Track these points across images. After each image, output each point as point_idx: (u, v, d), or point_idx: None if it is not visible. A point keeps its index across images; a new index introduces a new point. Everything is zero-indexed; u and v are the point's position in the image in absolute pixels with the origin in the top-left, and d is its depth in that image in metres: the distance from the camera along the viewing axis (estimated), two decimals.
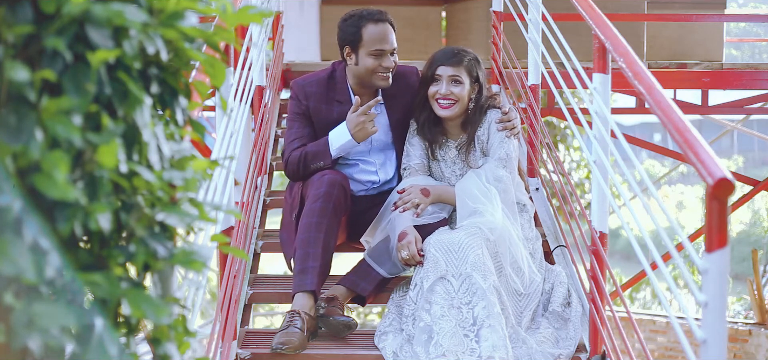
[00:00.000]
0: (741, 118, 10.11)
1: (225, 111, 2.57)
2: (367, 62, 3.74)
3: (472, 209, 3.53)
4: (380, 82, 3.76)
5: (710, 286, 2.14)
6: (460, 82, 3.69)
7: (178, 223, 1.38)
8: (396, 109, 3.86)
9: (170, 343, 1.40)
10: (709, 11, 6.83)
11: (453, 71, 3.69)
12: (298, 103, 3.81)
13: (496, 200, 3.54)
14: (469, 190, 3.57)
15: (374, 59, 3.73)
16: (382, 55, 3.73)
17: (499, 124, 3.69)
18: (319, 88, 3.82)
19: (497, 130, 3.69)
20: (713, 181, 2.10)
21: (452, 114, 3.70)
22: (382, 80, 3.75)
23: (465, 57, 3.73)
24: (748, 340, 8.16)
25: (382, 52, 3.73)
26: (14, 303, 1.13)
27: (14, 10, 1.21)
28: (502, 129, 3.68)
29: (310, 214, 3.52)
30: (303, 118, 3.80)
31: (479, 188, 3.56)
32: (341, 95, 3.82)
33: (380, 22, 3.76)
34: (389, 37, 3.76)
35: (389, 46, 3.74)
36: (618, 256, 20.56)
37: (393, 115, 3.86)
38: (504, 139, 3.67)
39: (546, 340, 3.30)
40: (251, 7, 1.53)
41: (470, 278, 3.27)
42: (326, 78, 3.85)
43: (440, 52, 3.79)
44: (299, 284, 3.44)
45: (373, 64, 3.73)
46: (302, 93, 3.81)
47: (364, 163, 3.86)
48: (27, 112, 1.19)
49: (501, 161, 3.63)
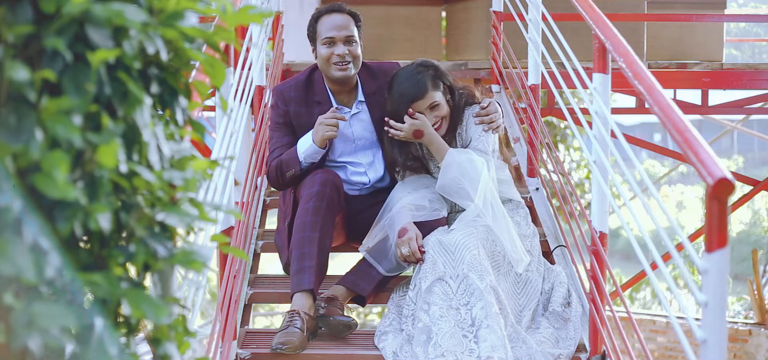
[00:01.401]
0: (741, 118, 10.11)
1: (225, 111, 2.57)
2: (321, 52, 3.75)
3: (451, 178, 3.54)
4: (336, 72, 3.74)
5: (710, 286, 2.14)
6: (438, 103, 3.66)
7: (178, 223, 1.38)
8: (378, 106, 3.84)
9: (170, 343, 1.40)
10: (709, 11, 6.84)
11: (428, 101, 3.64)
12: (277, 111, 3.81)
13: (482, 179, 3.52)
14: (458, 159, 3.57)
15: (327, 48, 3.74)
16: (334, 43, 3.73)
17: (476, 117, 3.69)
18: (297, 92, 3.82)
19: (474, 124, 3.69)
20: (713, 181, 2.10)
21: (443, 132, 3.69)
22: (338, 70, 3.74)
23: (428, 81, 3.65)
24: (748, 340, 8.16)
25: (332, 41, 3.73)
26: (14, 303, 1.13)
27: (14, 10, 1.21)
28: (479, 123, 3.68)
29: (304, 214, 3.52)
30: (283, 127, 3.79)
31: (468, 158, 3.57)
32: (320, 96, 3.82)
33: (333, 13, 3.78)
34: (343, 23, 3.75)
35: (341, 32, 3.73)
36: (618, 256, 20.56)
37: (375, 112, 3.84)
38: (481, 134, 3.68)
39: (546, 340, 3.30)
40: (251, 7, 1.53)
41: (467, 279, 3.27)
42: (304, 80, 3.85)
43: (403, 85, 3.66)
44: (297, 284, 3.44)
45: (326, 53, 3.74)
46: (281, 99, 3.81)
47: (353, 165, 3.86)
48: (27, 112, 1.19)
49: (479, 153, 3.62)
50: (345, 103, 3.85)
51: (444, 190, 3.61)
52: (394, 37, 7.18)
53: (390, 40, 7.06)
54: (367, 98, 3.84)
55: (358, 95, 3.86)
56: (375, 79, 3.85)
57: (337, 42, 3.73)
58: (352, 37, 3.76)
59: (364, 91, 3.85)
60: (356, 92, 3.86)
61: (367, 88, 3.84)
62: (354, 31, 3.78)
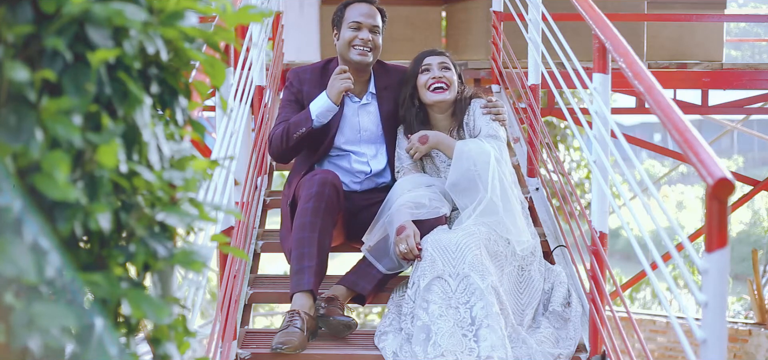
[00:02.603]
0: (741, 118, 10.11)
1: (225, 111, 2.57)
2: (345, 35, 3.88)
3: (465, 169, 3.58)
4: (356, 56, 3.86)
5: (710, 286, 2.14)
6: (449, 68, 3.83)
7: (178, 223, 1.38)
8: (387, 102, 3.94)
9: (170, 343, 1.40)
10: (709, 11, 6.84)
11: (441, 59, 3.84)
12: (290, 90, 3.93)
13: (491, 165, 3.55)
14: (467, 150, 3.63)
15: (352, 31, 3.87)
16: (360, 28, 3.87)
17: (484, 108, 3.78)
18: (313, 75, 3.94)
19: (482, 114, 3.77)
20: (713, 181, 2.10)
21: (446, 98, 3.79)
22: (359, 55, 3.86)
23: (446, 51, 3.92)
24: (748, 340, 8.16)
25: (359, 25, 3.87)
26: (14, 303, 1.13)
27: (14, 10, 1.21)
28: (487, 113, 3.75)
29: (303, 214, 3.53)
30: (294, 104, 3.89)
31: (478, 147, 3.62)
32: None
33: (363, 2, 3.93)
34: (370, 12, 3.90)
35: (368, 20, 3.88)
36: (618, 256, 20.56)
37: (384, 107, 3.94)
38: (490, 120, 3.77)
39: (546, 340, 3.30)
40: (251, 7, 1.53)
41: (468, 278, 3.27)
42: (321, 68, 3.97)
43: (421, 52, 3.94)
44: (297, 284, 3.45)
45: (350, 36, 3.87)
46: (297, 79, 3.94)
47: (356, 155, 3.91)
48: (27, 112, 1.18)
49: (490, 138, 3.69)
50: (357, 93, 3.94)
51: (457, 186, 3.61)
52: (394, 37, 7.18)
53: (390, 40, 7.05)
54: (378, 92, 3.94)
55: (370, 87, 3.96)
56: (388, 75, 3.98)
57: (364, 28, 3.87)
58: (378, 27, 3.92)
59: (376, 85, 3.96)
60: (369, 84, 3.97)
61: (379, 83, 3.95)
62: (379, 23, 3.94)
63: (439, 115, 3.83)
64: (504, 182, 3.56)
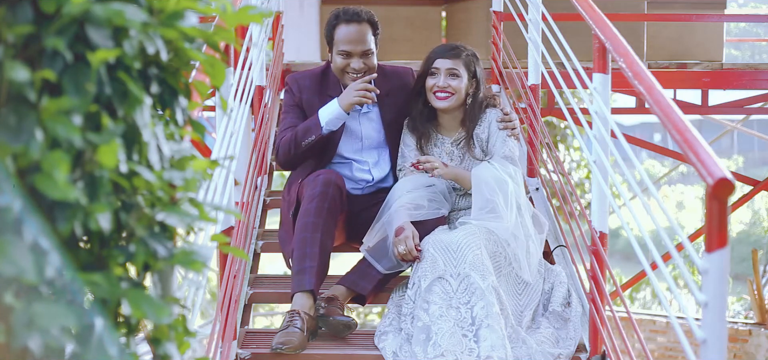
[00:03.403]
0: (741, 118, 10.11)
1: (225, 111, 2.57)
2: (337, 61, 3.81)
3: (487, 199, 3.51)
4: (350, 83, 3.77)
5: (710, 286, 2.14)
6: (458, 75, 3.75)
7: (178, 223, 1.38)
8: (389, 109, 3.89)
9: (170, 343, 1.40)
10: (709, 11, 6.83)
11: (451, 64, 3.75)
12: (291, 95, 3.88)
13: (510, 192, 3.52)
14: (485, 178, 3.56)
15: (342, 59, 3.79)
16: (350, 56, 3.77)
17: (501, 123, 3.72)
18: (312, 82, 3.88)
19: (498, 129, 3.71)
20: (713, 181, 2.10)
21: (448, 106, 3.74)
22: (352, 81, 3.77)
23: (463, 52, 3.79)
24: (748, 340, 8.16)
25: (349, 54, 3.77)
26: (14, 303, 1.13)
27: (14, 10, 1.21)
28: (504, 128, 3.71)
29: (306, 214, 3.52)
30: (296, 109, 3.86)
31: (495, 176, 3.55)
32: (334, 90, 3.85)
33: (352, 23, 3.78)
34: (360, 38, 3.77)
35: (357, 47, 3.76)
36: (618, 256, 20.55)
37: (386, 114, 3.89)
38: (506, 138, 3.71)
39: (546, 340, 3.30)
40: (251, 7, 1.53)
41: (468, 278, 3.27)
42: (320, 74, 3.91)
43: (439, 46, 3.85)
44: (298, 284, 3.44)
45: (341, 64, 3.79)
46: (296, 85, 3.88)
47: (358, 163, 3.88)
48: (27, 112, 1.18)
49: (507, 159, 3.65)
50: None
51: (480, 215, 3.52)
52: (394, 37, 7.18)
53: (390, 40, 7.06)
54: (379, 99, 3.85)
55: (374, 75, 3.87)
56: (388, 80, 3.89)
57: (354, 56, 3.77)
58: (369, 50, 3.79)
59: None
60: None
61: (381, 89, 3.83)
62: (371, 43, 3.80)
63: (445, 116, 3.81)
64: (522, 208, 3.53)
